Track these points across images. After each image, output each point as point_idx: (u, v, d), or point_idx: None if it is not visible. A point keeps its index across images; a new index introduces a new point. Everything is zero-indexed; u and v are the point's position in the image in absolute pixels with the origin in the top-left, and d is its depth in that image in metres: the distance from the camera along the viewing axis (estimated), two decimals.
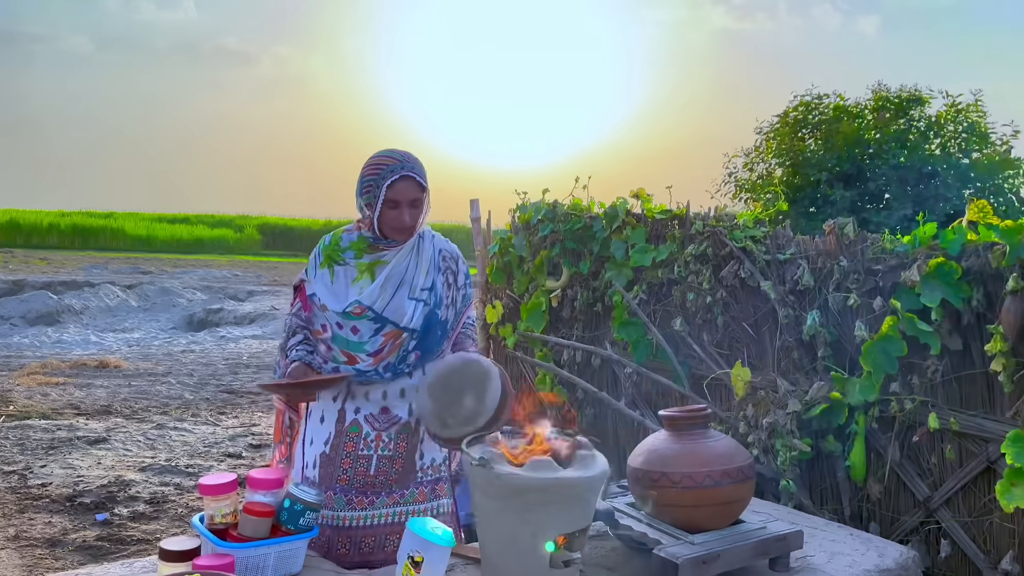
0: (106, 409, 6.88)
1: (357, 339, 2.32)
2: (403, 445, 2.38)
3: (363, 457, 2.35)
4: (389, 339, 2.33)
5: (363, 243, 2.35)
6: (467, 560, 2.17)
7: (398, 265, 2.33)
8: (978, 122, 10.22)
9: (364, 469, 2.34)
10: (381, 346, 2.32)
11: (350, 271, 2.33)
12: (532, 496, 1.79)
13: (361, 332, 2.32)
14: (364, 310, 2.30)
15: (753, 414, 3.16)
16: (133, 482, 4.93)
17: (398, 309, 2.31)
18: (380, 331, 2.32)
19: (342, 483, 2.33)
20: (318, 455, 2.36)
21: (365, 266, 2.33)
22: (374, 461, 2.35)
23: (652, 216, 3.74)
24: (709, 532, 2.13)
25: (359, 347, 2.33)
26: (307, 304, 2.41)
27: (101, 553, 3.91)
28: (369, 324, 2.31)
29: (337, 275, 2.34)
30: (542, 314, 4.26)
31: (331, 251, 2.37)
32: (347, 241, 2.37)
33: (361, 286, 2.31)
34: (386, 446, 2.36)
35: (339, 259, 2.35)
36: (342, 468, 2.33)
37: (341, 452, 2.34)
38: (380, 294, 2.31)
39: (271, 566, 1.94)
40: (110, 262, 20.90)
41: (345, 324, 2.32)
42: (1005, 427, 2.55)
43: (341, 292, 2.33)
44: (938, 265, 2.63)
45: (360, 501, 2.34)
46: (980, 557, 2.67)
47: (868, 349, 2.80)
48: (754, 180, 10.90)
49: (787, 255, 3.15)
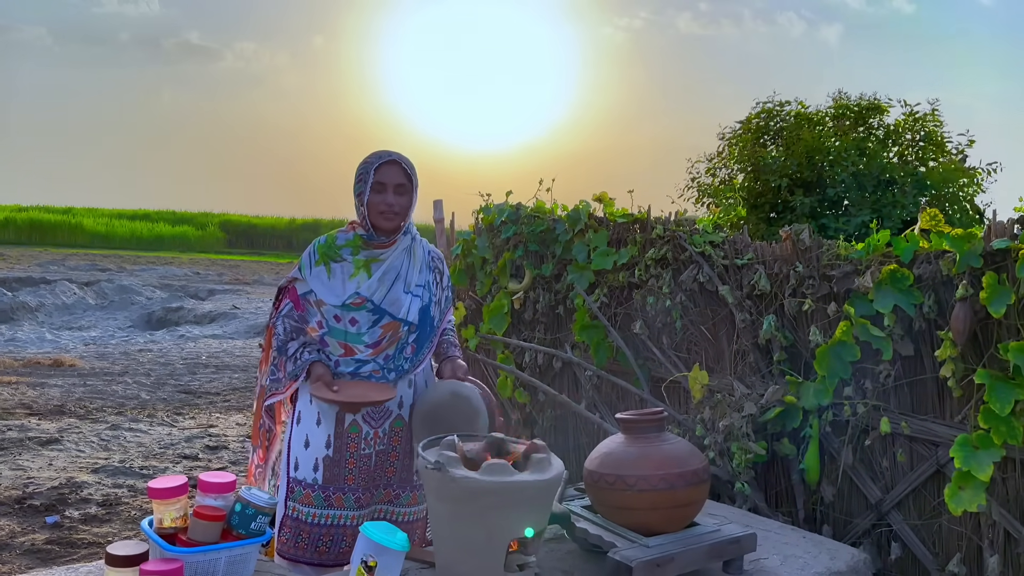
0: (59, 409, 6.73)
1: (356, 330, 2.42)
2: (396, 439, 2.48)
3: (365, 456, 2.44)
4: (388, 331, 2.43)
5: (359, 241, 2.44)
6: (422, 564, 2.16)
7: (393, 262, 2.45)
8: (934, 131, 10.43)
9: (367, 467, 2.44)
10: (380, 338, 2.43)
11: (347, 267, 2.43)
12: (487, 500, 1.79)
13: (360, 323, 2.42)
14: (364, 301, 2.40)
15: (710, 417, 3.19)
16: (85, 484, 4.82)
17: (395, 301, 2.44)
18: (378, 322, 2.42)
19: (350, 483, 2.42)
20: (320, 458, 2.41)
21: (362, 263, 2.43)
22: (374, 458, 2.45)
23: (614, 220, 3.76)
24: (664, 535, 2.14)
25: (357, 338, 2.42)
26: (299, 303, 2.47)
27: (50, 557, 3.82)
28: (368, 315, 2.41)
29: (334, 272, 2.43)
30: (504, 316, 4.26)
31: (327, 249, 2.46)
32: (343, 240, 2.46)
33: (359, 280, 2.41)
34: (381, 440, 2.46)
35: (336, 256, 2.44)
36: (348, 468, 2.42)
37: (345, 453, 2.42)
38: (379, 287, 2.42)
39: (221, 571, 1.91)
40: (67, 258, 20.48)
41: (343, 316, 2.42)
42: (954, 431, 2.60)
43: (338, 287, 2.42)
44: (891, 272, 2.68)
45: (366, 497, 2.45)
46: (929, 559, 2.72)
47: (822, 354, 2.84)
48: (716, 185, 11.01)
49: (745, 260, 3.18)
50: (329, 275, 2.44)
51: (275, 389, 2.51)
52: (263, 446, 2.63)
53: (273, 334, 2.50)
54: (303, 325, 2.47)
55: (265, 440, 2.63)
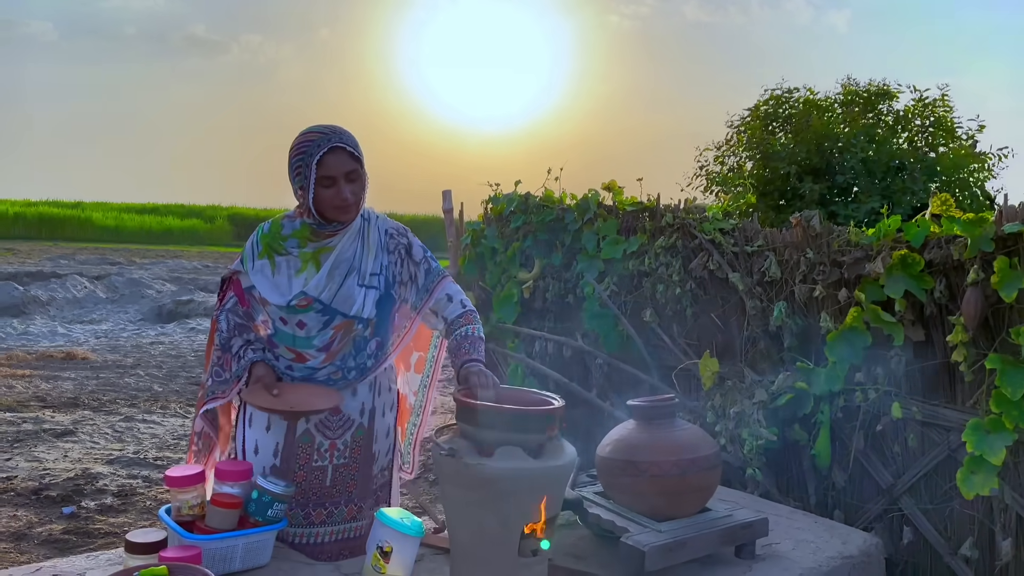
0: (73, 401, 6.78)
1: (304, 334, 2.15)
2: (358, 450, 2.24)
3: (318, 469, 2.19)
4: (339, 331, 2.16)
5: (306, 230, 2.15)
6: (436, 550, 2.18)
7: (344, 251, 2.16)
8: (944, 116, 10.38)
9: (320, 481, 2.19)
10: (331, 340, 2.16)
11: (293, 262, 2.14)
12: (501, 486, 1.80)
13: (308, 327, 2.14)
14: (310, 302, 2.12)
15: (720, 404, 3.20)
16: (100, 475, 4.87)
17: (347, 298, 2.14)
18: (329, 324, 2.14)
19: (298, 497, 2.16)
20: (268, 467, 2.16)
21: (309, 255, 2.14)
22: (330, 472, 2.20)
23: (623, 208, 3.76)
24: (676, 520, 2.16)
25: (307, 343, 2.16)
26: (244, 298, 2.22)
27: (68, 546, 3.87)
28: (317, 317, 2.14)
29: (279, 266, 2.15)
30: (514, 305, 4.27)
31: (271, 240, 2.17)
32: (289, 229, 2.17)
33: (306, 277, 2.12)
34: (341, 454, 2.21)
35: (280, 249, 2.16)
36: (296, 482, 2.14)
37: (293, 465, 2.15)
38: (327, 283, 2.13)
39: (239, 558, 1.93)
40: (77, 253, 20.58)
41: (290, 319, 2.15)
42: (966, 416, 2.60)
43: (283, 284, 2.14)
44: (901, 257, 2.68)
45: (319, 514, 2.21)
46: (941, 543, 2.73)
47: (833, 340, 2.84)
48: (725, 173, 10.98)
49: (755, 247, 3.18)
50: (273, 270, 2.15)
51: (219, 391, 2.21)
52: (191, 451, 2.30)
53: (216, 330, 2.23)
54: (248, 322, 2.23)
55: (195, 446, 2.29)
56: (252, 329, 2.24)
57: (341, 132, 2.08)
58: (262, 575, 1.96)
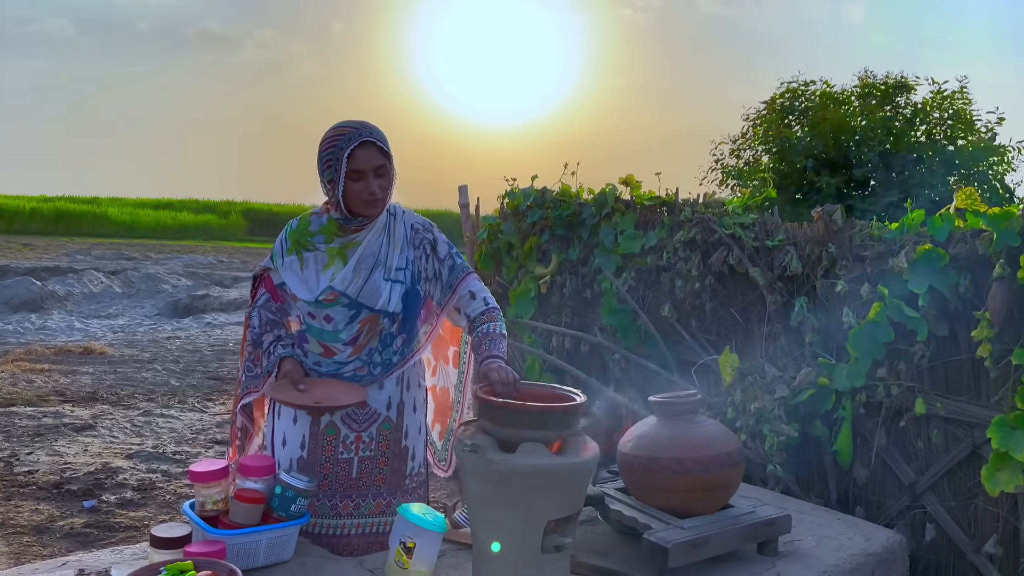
0: (92, 396, 6.84)
1: (332, 328, 2.18)
2: (386, 444, 2.25)
3: (343, 460, 2.21)
4: (365, 325, 2.18)
5: (333, 226, 2.18)
6: (459, 546, 2.18)
7: (370, 246, 2.19)
8: (963, 109, 10.27)
9: (345, 473, 2.22)
10: (357, 333, 2.18)
11: (320, 257, 2.18)
12: (524, 482, 1.79)
13: (335, 321, 2.17)
14: (337, 296, 2.15)
15: (741, 399, 3.18)
16: (120, 469, 4.91)
17: (373, 293, 2.16)
18: (356, 318, 2.17)
19: (324, 488, 2.19)
20: (295, 459, 2.21)
21: (336, 251, 2.18)
22: (355, 464, 2.22)
23: (641, 203, 3.75)
24: (698, 517, 2.15)
25: (334, 337, 2.19)
26: (276, 294, 2.27)
27: (89, 540, 3.90)
28: (343, 311, 2.16)
29: (307, 261, 2.19)
30: (531, 300, 4.27)
31: (299, 236, 2.22)
32: (316, 225, 2.21)
33: (333, 272, 2.16)
34: (367, 447, 2.23)
35: (308, 245, 2.20)
36: (323, 473, 2.19)
37: (320, 456, 2.20)
38: (354, 278, 2.16)
39: (263, 553, 1.94)
40: (94, 248, 20.72)
41: (318, 314, 2.18)
42: (990, 412, 2.57)
43: (312, 280, 2.18)
44: (926, 252, 2.65)
45: (345, 505, 2.22)
46: (964, 540, 2.71)
47: (855, 335, 2.82)
48: (741, 167, 10.93)
49: (776, 241, 3.16)
50: (302, 266, 2.19)
51: (252, 386, 2.26)
52: (235, 445, 2.36)
53: (248, 326, 2.27)
54: (280, 318, 2.27)
55: (237, 439, 2.35)
56: (284, 325, 2.28)
57: (371, 128, 2.12)
58: (285, 570, 1.97)
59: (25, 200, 30.74)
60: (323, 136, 2.14)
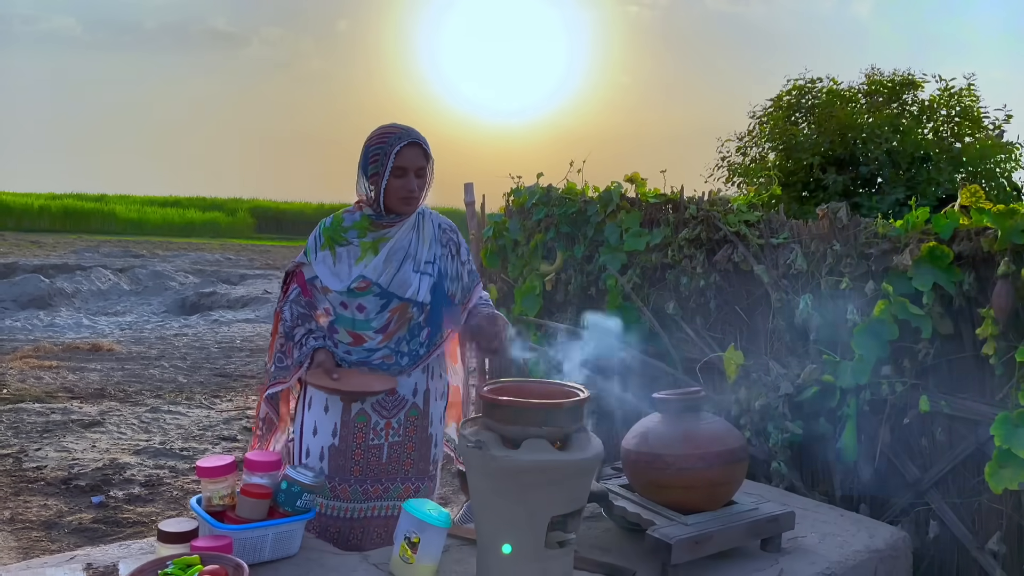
0: (100, 392, 6.87)
1: (363, 317, 2.31)
2: (413, 430, 2.38)
3: (374, 447, 2.34)
4: (395, 314, 2.32)
5: (366, 222, 2.32)
6: (463, 541, 2.20)
7: (401, 240, 2.32)
8: (971, 106, 10.22)
9: (376, 459, 2.34)
10: (387, 321, 2.31)
11: (353, 251, 2.31)
12: (527, 478, 1.80)
13: (367, 309, 2.30)
14: (369, 284, 2.28)
15: (745, 397, 3.18)
16: (128, 465, 4.94)
17: (404, 282, 2.30)
18: (386, 307, 2.30)
19: (355, 474, 2.32)
20: (326, 447, 2.33)
21: (369, 244, 2.31)
22: (385, 449, 2.35)
23: (646, 200, 3.75)
24: (702, 513, 2.15)
25: (366, 325, 2.31)
26: (307, 289, 2.38)
27: (97, 535, 3.93)
28: (375, 300, 2.29)
29: (340, 256, 2.31)
30: (536, 298, 4.27)
31: (333, 232, 2.34)
32: (349, 221, 2.34)
33: (365, 263, 2.29)
34: (396, 432, 2.36)
35: (341, 240, 2.32)
36: (354, 459, 2.32)
37: (351, 443, 2.33)
38: (385, 268, 2.29)
39: (269, 547, 1.95)
40: (101, 245, 20.80)
41: (350, 303, 2.31)
42: (994, 409, 2.57)
43: (344, 272, 2.30)
44: (930, 249, 2.65)
45: (376, 490, 2.35)
46: (968, 537, 2.71)
47: (860, 332, 2.82)
48: (747, 164, 10.89)
49: (781, 239, 3.16)
50: (335, 260, 2.32)
51: (280, 377, 2.38)
52: (256, 435, 2.49)
53: (280, 320, 2.40)
54: (310, 312, 2.38)
55: (261, 430, 2.47)
56: (314, 318, 2.39)
57: (417, 132, 2.30)
58: (291, 565, 1.99)
59: (33, 198, 30.87)
60: (370, 134, 2.31)
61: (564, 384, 2.00)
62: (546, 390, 1.99)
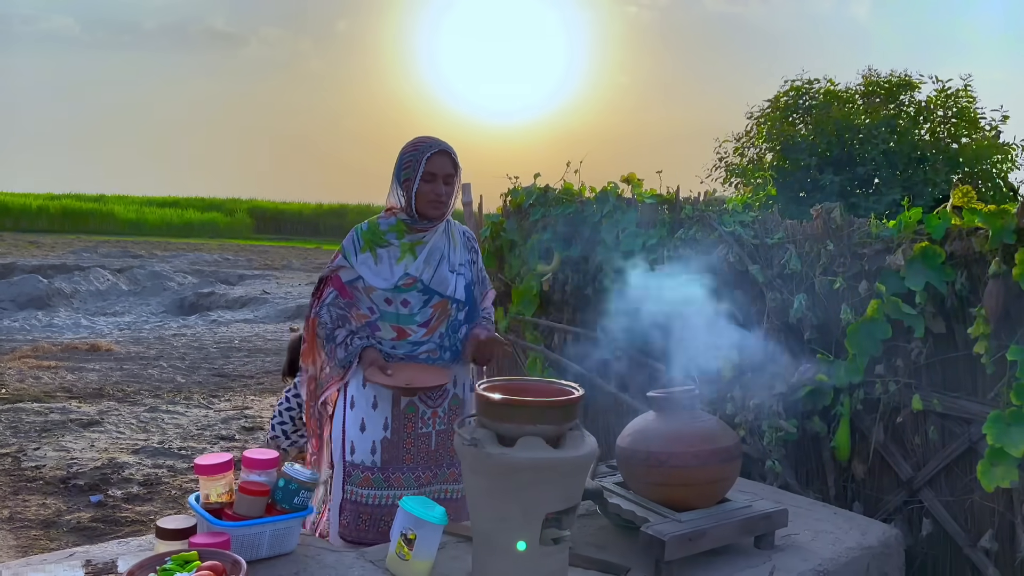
0: (98, 392, 6.89)
1: (407, 311, 2.49)
2: (455, 417, 2.57)
3: (423, 435, 2.52)
4: (437, 309, 2.52)
5: (401, 225, 2.51)
6: (459, 538, 2.22)
7: (436, 243, 2.54)
8: (967, 107, 10.26)
9: (426, 446, 2.52)
10: (430, 316, 2.51)
11: (393, 251, 2.50)
12: (522, 475, 1.82)
13: (411, 304, 2.49)
14: (414, 281, 2.48)
15: (740, 395, 3.20)
16: (126, 464, 4.95)
17: (443, 281, 2.52)
18: (428, 302, 2.50)
19: (408, 462, 2.49)
20: (378, 440, 2.48)
21: (407, 246, 2.50)
22: (433, 437, 2.53)
23: (642, 201, 3.77)
24: (696, 510, 2.17)
25: (410, 319, 2.49)
26: (345, 291, 2.51)
27: (96, 534, 3.94)
28: (418, 296, 2.49)
29: (381, 257, 2.50)
30: (533, 298, 4.29)
31: (371, 235, 2.52)
32: (386, 225, 2.53)
33: (406, 263, 2.49)
34: (441, 420, 2.55)
35: (382, 241, 2.51)
36: (406, 448, 2.49)
37: (403, 434, 2.49)
38: (425, 267, 2.50)
39: (266, 544, 1.97)
40: (100, 245, 20.80)
41: (395, 299, 2.48)
42: (986, 408, 2.59)
43: (386, 271, 2.49)
44: (922, 249, 2.67)
45: (427, 476, 2.53)
46: (961, 535, 2.73)
47: (853, 332, 2.84)
48: (744, 165, 10.93)
49: (775, 239, 3.18)
50: (376, 260, 2.50)
51: (336, 375, 2.52)
52: (315, 434, 2.65)
53: (318, 323, 2.52)
54: (348, 312, 2.52)
55: (317, 428, 2.64)
56: (350, 319, 2.53)
57: (447, 144, 2.50)
58: (288, 561, 2.00)
59: (32, 198, 30.87)
60: (404, 145, 2.51)
61: (558, 382, 2.02)
62: (541, 388, 2.01)
